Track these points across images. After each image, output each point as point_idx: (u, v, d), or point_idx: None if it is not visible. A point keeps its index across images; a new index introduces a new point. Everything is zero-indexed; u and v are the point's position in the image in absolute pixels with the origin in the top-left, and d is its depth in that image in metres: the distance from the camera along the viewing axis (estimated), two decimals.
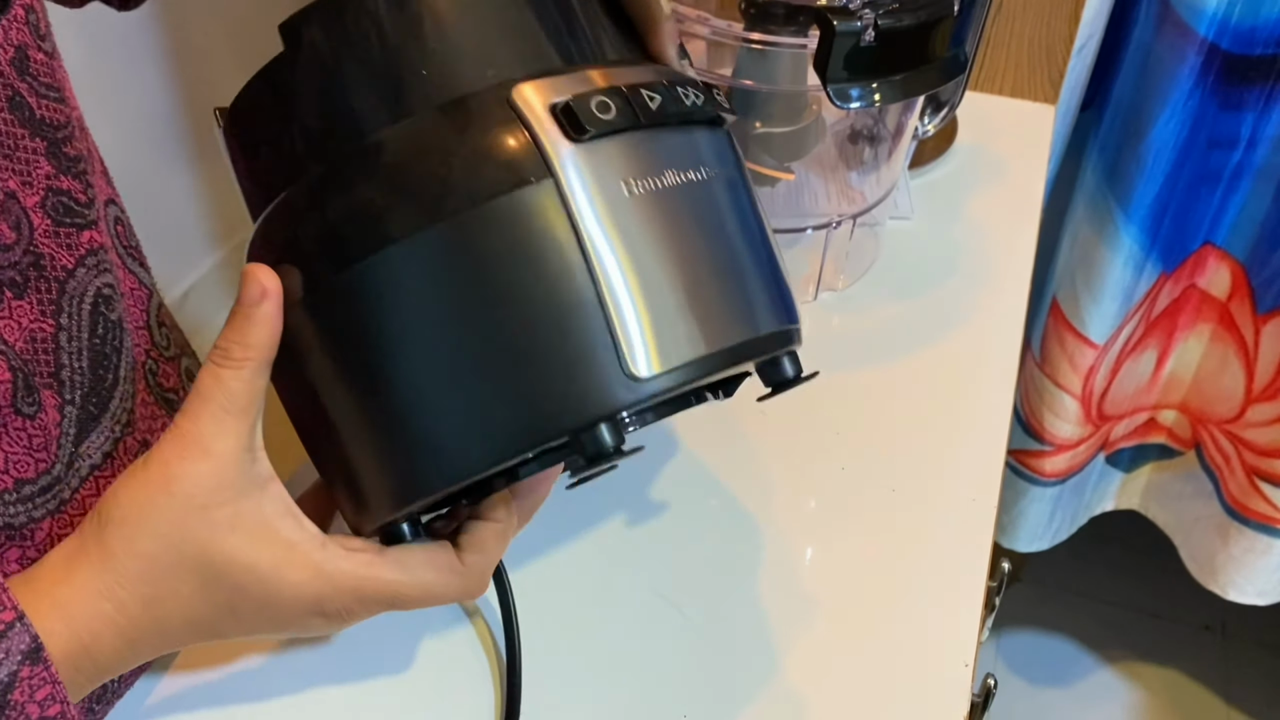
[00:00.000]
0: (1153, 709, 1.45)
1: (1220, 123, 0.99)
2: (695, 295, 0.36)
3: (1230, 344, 1.13)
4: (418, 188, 0.36)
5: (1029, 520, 1.29)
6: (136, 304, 0.51)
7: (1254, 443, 1.14)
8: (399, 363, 0.37)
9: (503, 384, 0.36)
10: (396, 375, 0.37)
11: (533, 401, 0.35)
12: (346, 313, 0.37)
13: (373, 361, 0.37)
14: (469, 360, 0.36)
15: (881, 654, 0.51)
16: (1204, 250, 1.08)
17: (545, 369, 0.35)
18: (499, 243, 0.35)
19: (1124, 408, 1.21)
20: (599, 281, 0.35)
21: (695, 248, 0.37)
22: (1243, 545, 1.17)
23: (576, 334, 0.35)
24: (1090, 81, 1.08)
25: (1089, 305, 1.11)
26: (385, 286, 0.36)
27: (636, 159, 0.36)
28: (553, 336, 0.35)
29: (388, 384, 0.37)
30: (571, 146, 0.35)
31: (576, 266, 0.35)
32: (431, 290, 0.36)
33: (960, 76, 0.68)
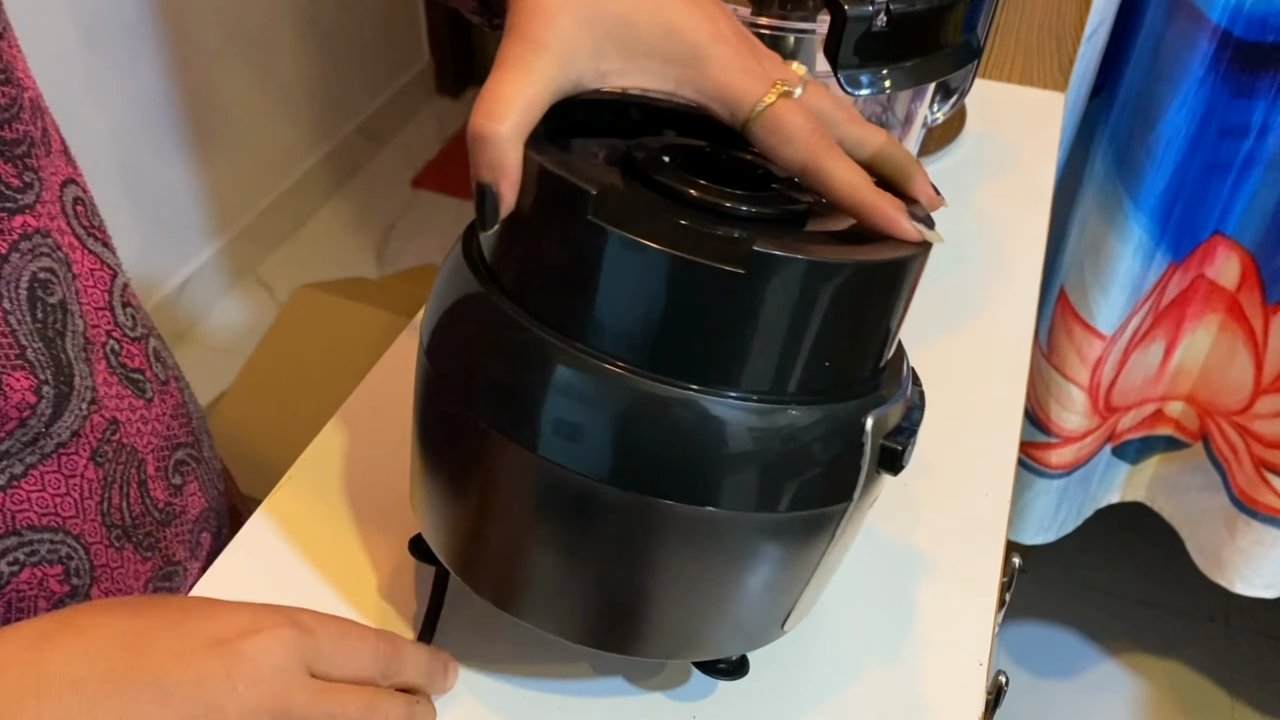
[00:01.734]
0: (1156, 700, 1.44)
1: (1232, 111, 0.97)
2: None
3: (1239, 335, 1.11)
4: (751, 469, 0.37)
5: (1035, 513, 1.28)
6: (98, 284, 0.49)
7: (1262, 435, 1.13)
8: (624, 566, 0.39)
9: (709, 621, 0.41)
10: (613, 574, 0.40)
11: (717, 634, 0.42)
12: (617, 526, 0.38)
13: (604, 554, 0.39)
14: (681, 597, 0.40)
15: (895, 653, 0.50)
16: (1213, 240, 1.07)
17: (748, 618, 0.42)
18: (779, 541, 0.39)
19: (1131, 399, 1.20)
20: (818, 576, 0.42)
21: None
22: (1250, 538, 1.16)
23: (784, 604, 0.42)
24: (1100, 69, 1.06)
25: (1097, 296, 1.10)
26: (665, 527, 0.38)
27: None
28: (769, 605, 0.42)
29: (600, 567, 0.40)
30: (875, 479, 0.39)
31: (817, 565, 0.41)
32: (699, 552, 0.39)
33: (972, 63, 0.67)
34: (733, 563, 0.39)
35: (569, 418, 0.36)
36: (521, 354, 0.37)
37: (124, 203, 1.74)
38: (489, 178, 0.36)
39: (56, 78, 1.54)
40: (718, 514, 0.37)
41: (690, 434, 0.36)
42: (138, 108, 1.73)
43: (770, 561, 0.40)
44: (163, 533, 0.53)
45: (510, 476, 0.39)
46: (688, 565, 0.39)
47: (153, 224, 1.82)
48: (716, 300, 0.35)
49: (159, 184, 1.82)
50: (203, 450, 0.57)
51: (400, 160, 2.40)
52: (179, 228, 1.89)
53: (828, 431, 0.37)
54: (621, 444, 0.36)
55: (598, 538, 0.39)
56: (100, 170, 1.68)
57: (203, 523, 0.57)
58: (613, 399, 0.36)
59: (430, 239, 2.19)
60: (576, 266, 0.36)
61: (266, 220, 2.09)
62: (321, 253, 2.14)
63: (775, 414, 0.36)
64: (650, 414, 0.36)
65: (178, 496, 0.54)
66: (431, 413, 0.42)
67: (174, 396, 0.54)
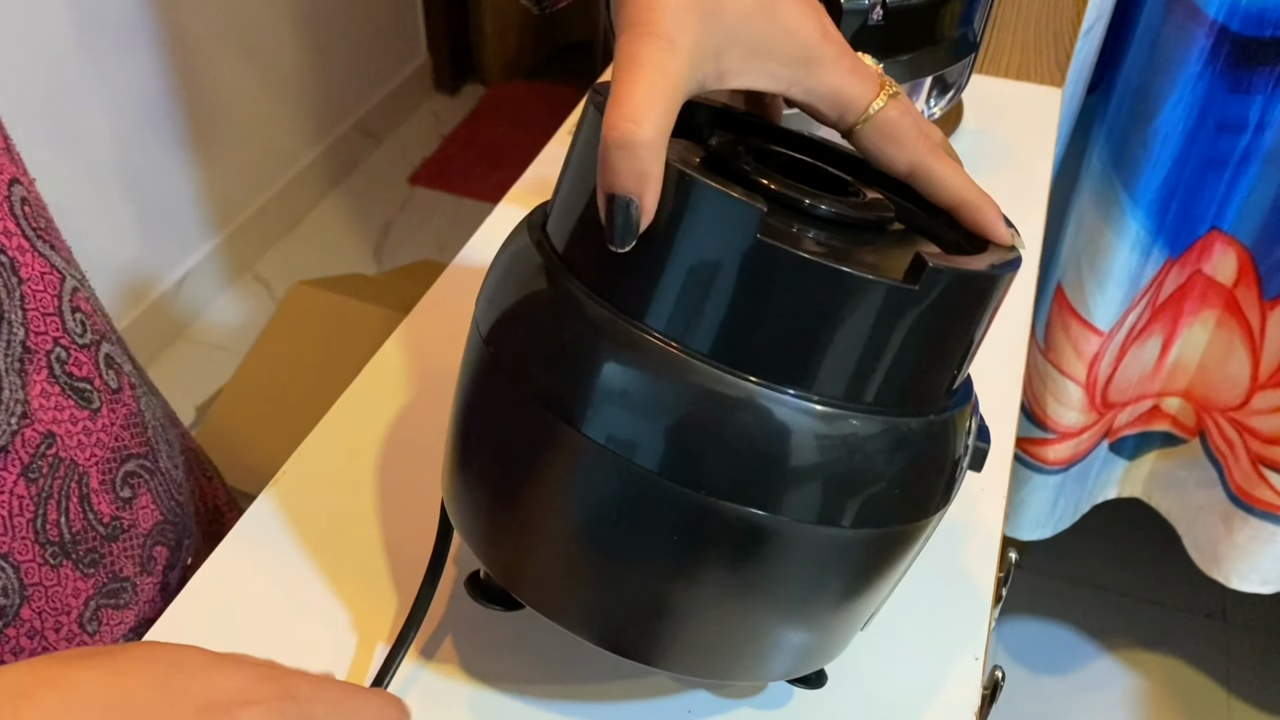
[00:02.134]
0: (1154, 696, 1.44)
1: (1229, 106, 0.97)
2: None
3: (1236, 330, 1.11)
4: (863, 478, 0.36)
5: (1032, 508, 1.28)
6: (47, 289, 0.48)
7: (1259, 430, 1.13)
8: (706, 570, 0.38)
9: (787, 636, 0.40)
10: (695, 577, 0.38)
11: (799, 650, 0.41)
12: (722, 536, 0.37)
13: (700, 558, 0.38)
14: (760, 613, 0.39)
15: (891, 648, 0.50)
16: (1211, 235, 1.07)
17: (831, 635, 0.42)
18: (877, 555, 0.39)
19: (1128, 395, 1.20)
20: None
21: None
22: (1247, 533, 1.16)
23: (862, 616, 0.42)
24: (1097, 64, 1.06)
25: (1094, 291, 1.10)
26: (759, 541, 0.37)
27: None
28: (853, 617, 0.42)
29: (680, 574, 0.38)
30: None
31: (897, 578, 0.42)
32: (796, 564, 0.38)
33: (968, 58, 0.67)
34: (827, 579, 0.39)
35: (671, 417, 0.35)
36: (614, 347, 0.35)
37: (121, 199, 1.74)
38: (633, 189, 0.33)
39: (53, 74, 1.54)
40: (837, 532, 0.37)
41: (839, 455, 0.36)
42: (135, 104, 1.72)
43: (863, 576, 0.40)
44: (108, 548, 0.50)
45: (600, 474, 0.37)
46: (798, 584, 0.38)
47: (150, 220, 1.81)
48: (880, 316, 0.34)
49: (156, 180, 1.81)
50: (159, 461, 0.54)
51: (398, 157, 2.40)
52: (176, 224, 1.89)
53: (931, 440, 0.37)
54: (739, 455, 0.35)
55: (698, 553, 0.37)
56: (97, 167, 1.68)
57: (157, 537, 0.54)
58: (740, 413, 0.35)
59: (428, 236, 2.19)
60: (726, 283, 0.34)
61: (264, 217, 2.09)
62: (319, 249, 2.14)
63: (884, 424, 0.36)
64: (777, 429, 0.35)
65: (126, 510, 0.51)
66: (489, 400, 0.40)
67: (127, 405, 0.52)
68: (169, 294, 1.87)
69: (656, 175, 0.33)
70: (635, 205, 0.33)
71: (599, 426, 0.36)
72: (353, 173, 2.34)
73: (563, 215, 0.39)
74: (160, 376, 1.83)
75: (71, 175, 1.63)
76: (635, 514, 0.37)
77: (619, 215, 0.34)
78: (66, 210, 1.68)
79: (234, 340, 1.91)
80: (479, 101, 2.57)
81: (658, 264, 0.35)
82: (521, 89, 2.57)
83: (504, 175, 0.81)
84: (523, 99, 2.54)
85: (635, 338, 0.35)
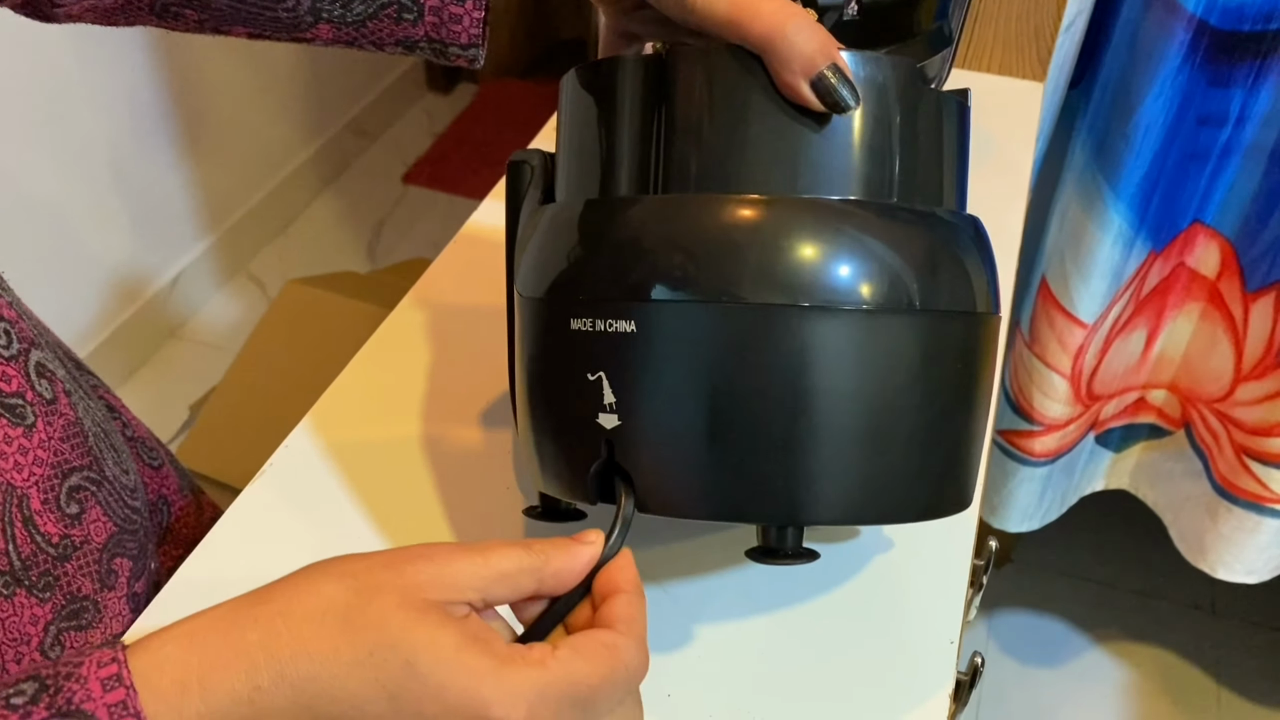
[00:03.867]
0: (1143, 688, 1.45)
1: (1209, 100, 0.98)
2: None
3: (1219, 322, 1.12)
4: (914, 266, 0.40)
5: (1019, 500, 1.29)
6: None
7: (1243, 421, 1.14)
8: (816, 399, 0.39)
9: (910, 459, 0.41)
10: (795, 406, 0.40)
11: (929, 482, 0.42)
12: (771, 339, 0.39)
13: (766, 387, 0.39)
14: (877, 429, 0.40)
15: (865, 630, 0.51)
16: (1193, 228, 1.08)
17: (950, 453, 0.43)
18: (964, 342, 0.42)
19: (1113, 387, 1.21)
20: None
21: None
22: (1232, 524, 1.17)
23: (969, 445, 0.44)
24: (1079, 59, 1.07)
25: (1078, 284, 1.11)
26: (824, 337, 0.39)
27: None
28: (975, 438, 0.44)
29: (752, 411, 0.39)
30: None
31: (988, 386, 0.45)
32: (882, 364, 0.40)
33: (946, 51, 0.68)
34: (917, 371, 0.41)
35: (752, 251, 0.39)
36: (672, 211, 0.40)
37: (115, 199, 1.75)
38: (829, 54, 0.38)
39: (47, 74, 1.55)
40: (916, 312, 0.40)
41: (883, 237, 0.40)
42: (129, 104, 1.73)
43: (961, 363, 0.42)
44: (62, 569, 0.48)
45: (695, 334, 0.39)
46: (911, 376, 0.40)
47: (144, 220, 1.82)
48: (938, 123, 0.43)
49: (150, 180, 1.82)
50: (104, 470, 0.51)
51: (391, 156, 2.41)
52: (170, 224, 1.89)
53: (962, 228, 0.43)
54: (834, 262, 0.39)
55: (816, 370, 0.39)
56: (91, 167, 1.68)
57: (114, 549, 0.51)
58: (822, 227, 0.39)
59: (421, 234, 2.19)
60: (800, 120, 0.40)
61: (257, 216, 2.10)
62: (312, 249, 2.15)
63: (927, 212, 0.41)
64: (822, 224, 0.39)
65: (76, 526, 0.49)
66: (567, 345, 0.42)
67: (64, 415, 0.49)
68: (162, 293, 1.88)
69: (832, 39, 0.38)
70: (837, 66, 0.38)
71: (711, 287, 0.38)
72: (346, 172, 2.35)
73: (583, 169, 0.43)
74: (154, 375, 1.85)
75: (65, 175, 1.64)
76: (759, 354, 0.39)
77: (836, 79, 0.38)
78: (60, 210, 1.69)
79: (227, 339, 1.91)
80: (472, 100, 2.57)
81: (728, 130, 0.40)
82: (514, 87, 2.58)
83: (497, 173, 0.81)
84: (515, 97, 2.55)
85: (706, 200, 0.39)
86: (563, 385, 0.42)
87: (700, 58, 0.40)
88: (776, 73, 0.39)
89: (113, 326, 1.78)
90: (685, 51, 0.41)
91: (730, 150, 0.40)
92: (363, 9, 0.44)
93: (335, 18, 0.44)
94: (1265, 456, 1.12)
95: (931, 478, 0.42)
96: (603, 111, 0.42)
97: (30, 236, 1.60)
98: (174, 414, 1.75)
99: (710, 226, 0.39)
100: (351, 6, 0.44)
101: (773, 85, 0.39)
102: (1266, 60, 0.95)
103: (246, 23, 0.46)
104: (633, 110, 0.41)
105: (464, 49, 0.47)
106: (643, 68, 0.41)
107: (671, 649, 0.50)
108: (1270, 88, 0.96)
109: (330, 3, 0.44)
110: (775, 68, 0.38)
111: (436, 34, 0.46)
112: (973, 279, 0.42)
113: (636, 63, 0.41)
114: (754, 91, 0.39)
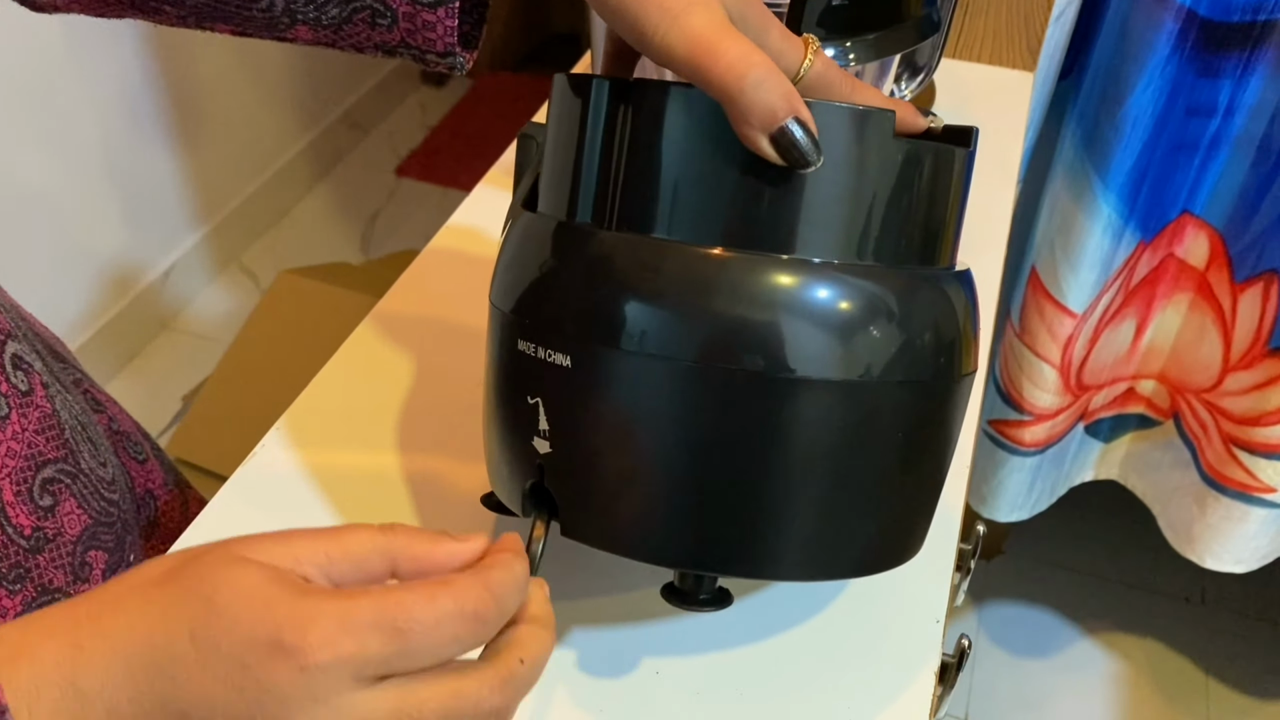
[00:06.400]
0: (1132, 678, 1.46)
1: (1198, 90, 0.99)
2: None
3: (1208, 313, 1.13)
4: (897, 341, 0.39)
5: (1008, 490, 1.30)
6: None
7: (1231, 411, 1.14)
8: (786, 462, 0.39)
9: (864, 521, 0.41)
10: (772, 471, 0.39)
11: (874, 541, 0.42)
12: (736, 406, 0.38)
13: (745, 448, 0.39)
14: (826, 491, 0.40)
15: (852, 609, 0.51)
16: (1182, 219, 1.09)
17: (910, 523, 0.44)
18: (925, 409, 0.41)
19: (1103, 377, 1.22)
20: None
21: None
22: (1220, 513, 1.18)
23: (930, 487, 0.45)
24: (1069, 49, 1.07)
25: (1068, 274, 1.12)
26: (793, 409, 0.38)
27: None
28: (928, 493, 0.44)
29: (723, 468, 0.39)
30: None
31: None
32: (836, 432, 0.39)
33: (935, 36, 0.68)
34: (886, 435, 0.40)
35: (701, 306, 0.37)
36: (636, 258, 0.38)
37: (108, 191, 1.74)
38: (790, 108, 0.36)
39: (39, 66, 1.54)
40: (856, 383, 0.38)
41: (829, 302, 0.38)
42: (121, 96, 1.73)
43: (919, 431, 0.41)
44: (33, 561, 0.48)
45: (656, 390, 0.38)
46: (835, 449, 0.39)
47: (136, 212, 1.82)
48: (932, 178, 0.40)
49: (143, 172, 1.82)
50: (80, 462, 0.51)
51: (384, 148, 2.40)
52: (163, 216, 1.89)
53: (946, 290, 0.41)
54: (796, 329, 0.37)
55: (771, 433, 0.38)
56: (84, 159, 1.68)
57: (88, 542, 0.51)
58: (784, 289, 0.37)
59: (414, 227, 2.19)
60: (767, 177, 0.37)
61: (250, 208, 2.10)
62: (306, 241, 2.15)
63: (909, 276, 0.39)
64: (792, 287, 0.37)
65: (49, 519, 0.49)
66: (528, 365, 0.41)
67: (39, 408, 0.49)
68: (155, 285, 1.88)
69: (795, 91, 0.36)
70: (800, 121, 0.36)
71: (648, 340, 0.38)
72: (339, 164, 2.35)
73: (558, 185, 0.41)
74: (146, 366, 1.85)
75: (58, 167, 1.64)
76: (720, 414, 0.38)
77: (797, 135, 0.36)
78: (53, 202, 1.69)
79: (220, 331, 1.91)
80: (465, 93, 2.57)
81: (679, 178, 0.38)
82: (508, 80, 2.58)
83: (490, 166, 0.82)
84: (509, 90, 2.55)
85: (658, 246, 0.38)
86: (508, 400, 0.42)
87: (660, 95, 0.38)
88: (735, 124, 0.37)
89: (106, 318, 1.78)
90: (648, 86, 0.39)
91: (682, 196, 0.38)
92: (337, 12, 0.43)
93: (311, 20, 0.43)
94: (1253, 446, 1.13)
95: (865, 539, 0.42)
96: (575, 129, 0.41)
97: (23, 228, 1.60)
98: (167, 405, 1.75)
99: (650, 277, 0.38)
100: (326, 9, 0.43)
101: (731, 133, 0.37)
102: (1255, 51, 0.95)
103: (226, 20, 0.45)
104: (597, 137, 0.40)
105: (441, 56, 0.46)
106: (610, 94, 0.39)
107: (657, 624, 0.50)
108: (1259, 78, 0.97)
109: (305, 5, 0.43)
110: (734, 119, 0.36)
111: (412, 40, 0.45)
112: (937, 345, 0.39)
113: (604, 86, 0.39)
114: (712, 138, 0.37)
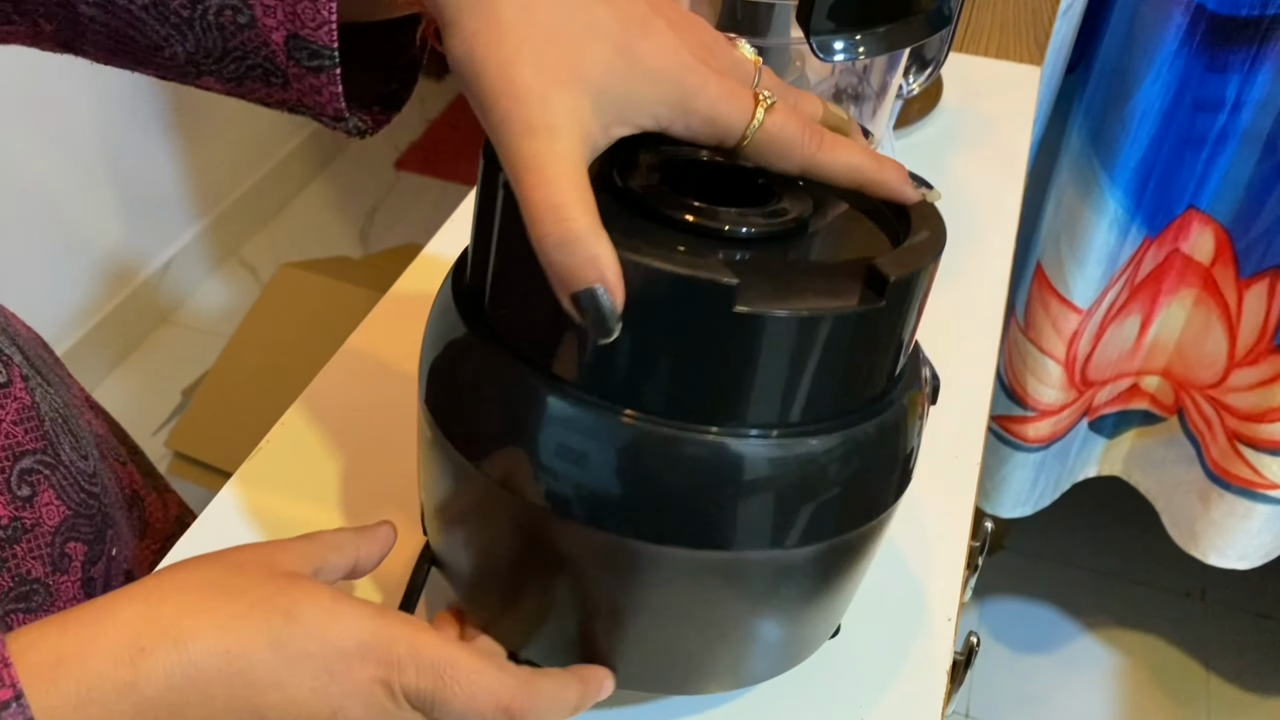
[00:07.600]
0: (1134, 674, 1.46)
1: (1206, 85, 0.98)
2: None
3: (1213, 309, 1.13)
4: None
5: (1012, 486, 1.29)
6: None
7: (1236, 407, 1.14)
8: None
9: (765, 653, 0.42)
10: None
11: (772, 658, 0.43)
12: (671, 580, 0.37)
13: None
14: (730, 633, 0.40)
15: (865, 608, 0.51)
16: (1188, 214, 1.08)
17: (812, 631, 0.44)
18: (850, 556, 0.40)
19: (1107, 373, 1.22)
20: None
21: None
22: (1223, 509, 1.18)
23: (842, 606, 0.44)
24: (1076, 43, 1.07)
25: (1073, 269, 1.11)
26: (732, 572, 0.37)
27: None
28: (833, 610, 0.44)
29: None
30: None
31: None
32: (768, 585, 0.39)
33: (945, 30, 0.67)
34: (805, 590, 0.40)
35: (602, 473, 0.35)
36: (545, 413, 0.35)
37: (107, 185, 1.74)
38: (593, 276, 0.32)
39: (38, 59, 1.53)
40: (781, 554, 0.37)
41: (764, 477, 0.35)
42: (121, 89, 1.72)
43: (840, 575, 0.41)
44: (10, 551, 0.48)
45: (544, 540, 0.38)
46: (774, 603, 0.39)
47: (136, 205, 1.81)
48: (851, 339, 0.35)
49: (142, 165, 1.81)
50: (59, 454, 0.51)
51: (383, 142, 2.40)
52: (162, 209, 1.89)
53: (884, 436, 0.38)
54: (673, 497, 0.35)
55: (645, 593, 0.38)
56: (84, 152, 1.67)
57: (67, 533, 0.51)
58: (706, 464, 0.35)
59: (413, 220, 2.19)
60: (694, 351, 0.34)
61: (250, 202, 2.09)
62: (305, 234, 2.14)
63: (843, 436, 0.36)
64: (715, 463, 0.35)
65: (27, 509, 0.48)
66: (438, 462, 0.40)
67: (18, 399, 0.48)
68: (154, 278, 1.87)
69: (608, 254, 0.32)
70: (603, 291, 0.32)
71: (549, 497, 0.36)
72: (338, 158, 2.34)
73: (502, 298, 0.38)
74: (146, 360, 1.84)
75: (57, 161, 1.63)
76: (622, 571, 0.37)
77: (592, 307, 0.32)
78: (52, 196, 1.68)
79: (220, 324, 1.91)
80: None
81: (625, 348, 0.34)
82: None
83: None
84: None
85: (587, 408, 0.35)
86: (427, 469, 0.42)
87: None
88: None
89: (105, 311, 1.77)
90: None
91: (528, 321, 0.36)
92: (234, 68, 0.41)
93: (213, 72, 0.41)
94: (1258, 442, 1.12)
95: (791, 652, 0.44)
96: (480, 201, 0.39)
97: (22, 222, 1.59)
98: (166, 398, 1.75)
99: (507, 407, 0.36)
100: (224, 64, 0.41)
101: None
102: (1263, 45, 0.95)
103: (141, 64, 0.43)
104: (487, 220, 0.37)
105: (335, 120, 0.43)
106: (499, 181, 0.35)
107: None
108: (1267, 73, 0.97)
109: (204, 58, 0.41)
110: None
111: (305, 101, 0.42)
112: (829, 505, 0.37)
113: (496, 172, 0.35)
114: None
